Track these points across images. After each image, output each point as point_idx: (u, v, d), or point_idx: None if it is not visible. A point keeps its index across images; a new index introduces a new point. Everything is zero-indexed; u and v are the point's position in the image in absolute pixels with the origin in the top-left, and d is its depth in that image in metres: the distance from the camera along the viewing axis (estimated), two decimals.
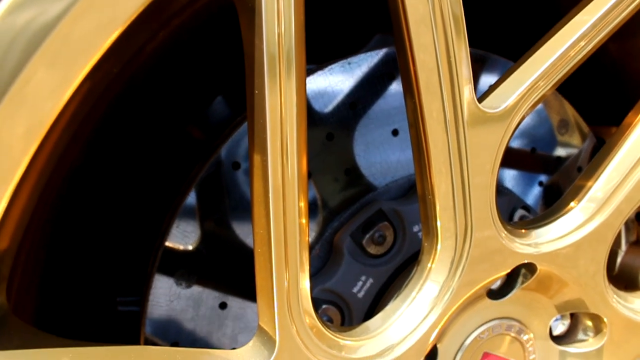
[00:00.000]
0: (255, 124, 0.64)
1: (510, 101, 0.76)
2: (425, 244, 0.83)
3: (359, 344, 0.77)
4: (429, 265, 0.82)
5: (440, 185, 0.77)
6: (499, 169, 0.80)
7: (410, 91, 0.74)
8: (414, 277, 0.84)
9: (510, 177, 1.20)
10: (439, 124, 0.75)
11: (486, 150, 0.77)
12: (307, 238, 0.69)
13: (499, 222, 0.84)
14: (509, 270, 0.88)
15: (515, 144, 1.18)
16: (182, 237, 0.97)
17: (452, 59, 0.72)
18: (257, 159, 0.64)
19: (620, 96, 1.39)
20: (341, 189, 1.02)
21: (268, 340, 0.70)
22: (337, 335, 0.75)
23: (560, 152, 1.24)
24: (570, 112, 1.23)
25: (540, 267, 0.91)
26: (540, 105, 1.20)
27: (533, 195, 1.23)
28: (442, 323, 0.85)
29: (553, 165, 1.25)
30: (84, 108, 0.64)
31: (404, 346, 0.80)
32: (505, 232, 0.85)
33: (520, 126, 1.20)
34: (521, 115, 0.78)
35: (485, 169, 0.77)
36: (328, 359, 0.73)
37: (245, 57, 0.67)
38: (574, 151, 1.26)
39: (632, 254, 1.18)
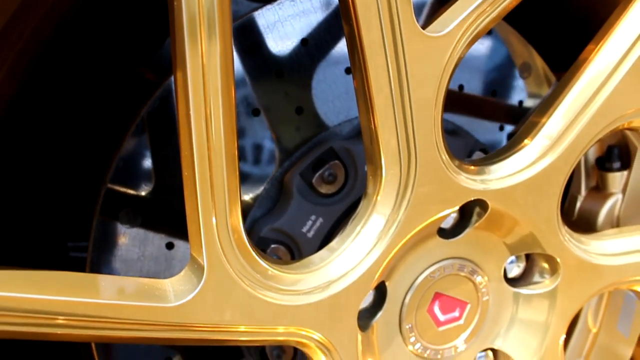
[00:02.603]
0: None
1: (455, 24, 0.74)
2: (371, 177, 0.81)
3: (296, 277, 0.76)
4: (374, 197, 0.80)
5: (382, 115, 0.75)
6: (445, 97, 0.77)
7: (348, 19, 0.71)
8: (360, 211, 0.82)
9: (470, 122, 1.17)
10: (379, 51, 0.72)
11: (430, 77, 0.74)
12: (236, 163, 0.67)
13: (446, 155, 0.82)
14: (457, 207, 0.87)
15: (476, 86, 1.15)
16: (126, 176, 0.94)
17: None
18: (179, 75, 0.62)
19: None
20: (292, 128, 0.99)
21: (198, 268, 0.68)
22: (272, 266, 0.73)
23: (523, 97, 1.22)
24: (534, 57, 1.21)
25: (491, 205, 0.89)
26: (502, 48, 1.18)
27: (495, 141, 1.21)
28: (388, 259, 0.83)
29: (517, 112, 1.23)
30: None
31: (344, 282, 0.79)
32: (454, 167, 0.83)
33: (481, 68, 1.18)
34: (467, 41, 0.75)
35: (429, 97, 0.75)
36: (258, 286, 0.71)
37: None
38: (538, 99, 1.24)
39: (591, 200, 1.17)
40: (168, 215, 0.96)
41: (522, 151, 0.91)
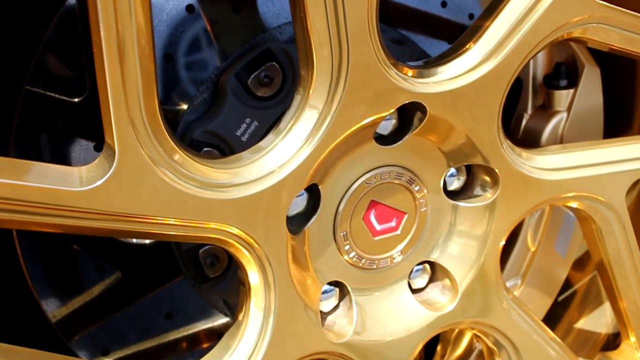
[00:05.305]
0: None
1: None
2: (303, 71, 0.77)
3: (220, 172, 0.72)
4: (307, 90, 0.77)
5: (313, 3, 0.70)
6: None
7: None
8: (292, 106, 0.79)
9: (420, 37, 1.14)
10: None
11: None
12: (151, 39, 0.63)
13: (382, 53, 0.79)
14: (393, 109, 0.84)
15: None
16: (47, 76, 0.89)
17: None
18: None
19: None
20: (230, 29, 0.95)
21: (110, 154, 0.65)
22: (191, 156, 0.70)
23: (475, 11, 1.19)
24: None
25: (430, 109, 0.87)
26: None
27: None
28: (320, 158, 0.80)
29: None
30: None
31: (272, 179, 0.76)
32: (389, 64, 0.80)
33: None
34: None
35: None
36: (176, 175, 0.68)
37: None
38: None
39: (536, 118, 1.16)
40: (95, 115, 0.92)
41: (464, 55, 0.88)
